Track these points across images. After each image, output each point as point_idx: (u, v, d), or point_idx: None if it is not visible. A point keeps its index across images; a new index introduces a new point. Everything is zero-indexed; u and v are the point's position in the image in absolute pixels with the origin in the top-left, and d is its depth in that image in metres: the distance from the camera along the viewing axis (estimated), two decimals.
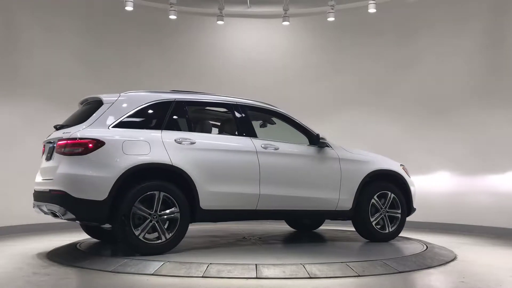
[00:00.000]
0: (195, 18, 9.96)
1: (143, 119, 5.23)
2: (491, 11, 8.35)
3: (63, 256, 5.27)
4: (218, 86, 9.70)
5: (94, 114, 5.11)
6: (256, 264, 4.49)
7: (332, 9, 9.21)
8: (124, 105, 5.20)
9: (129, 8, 8.65)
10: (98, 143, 4.84)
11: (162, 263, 4.58)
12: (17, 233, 7.65)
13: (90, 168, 4.80)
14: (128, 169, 4.83)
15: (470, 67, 8.45)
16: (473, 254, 5.82)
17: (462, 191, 8.30)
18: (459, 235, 7.72)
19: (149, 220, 4.91)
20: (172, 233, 5.01)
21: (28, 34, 8.30)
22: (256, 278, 4.24)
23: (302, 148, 5.89)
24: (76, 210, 4.82)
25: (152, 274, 4.38)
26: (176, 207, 5.02)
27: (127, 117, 5.13)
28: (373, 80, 9.46)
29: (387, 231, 6.15)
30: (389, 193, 6.17)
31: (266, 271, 4.36)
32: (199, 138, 5.33)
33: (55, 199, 4.91)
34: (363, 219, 6.05)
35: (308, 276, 4.29)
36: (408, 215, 6.40)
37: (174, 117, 5.39)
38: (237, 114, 5.71)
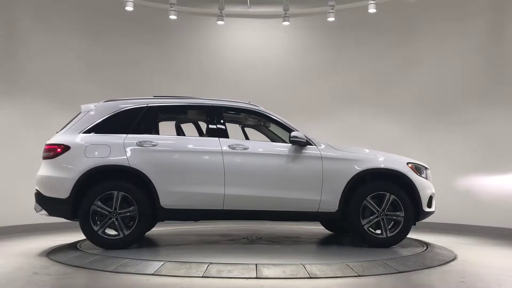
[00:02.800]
0: (195, 18, 9.97)
1: (112, 124, 5.68)
2: (491, 11, 8.35)
3: (64, 256, 5.28)
4: (218, 86, 9.72)
5: (71, 122, 5.80)
6: (256, 264, 4.49)
7: (332, 9, 9.21)
8: (97, 112, 5.76)
9: (129, 8, 8.65)
10: (65, 148, 5.52)
11: (162, 263, 4.59)
12: (17, 233, 7.65)
13: (57, 170, 5.50)
14: (87, 170, 5.38)
15: (470, 67, 8.45)
16: (473, 254, 5.82)
17: (462, 191, 8.30)
18: (459, 235, 7.72)
19: (108, 217, 5.39)
20: (130, 230, 5.41)
21: (28, 35, 8.30)
22: (256, 278, 4.25)
23: (278, 147, 5.73)
24: (47, 206, 5.54)
25: (152, 274, 4.39)
26: (135, 206, 5.40)
27: (98, 123, 5.67)
28: (374, 80, 9.47)
29: (384, 235, 5.64)
30: (388, 194, 5.63)
31: (266, 271, 4.36)
32: (161, 140, 5.62)
33: (35, 197, 5.68)
34: (352, 222, 5.61)
35: (308, 276, 4.29)
36: (418, 219, 5.81)
37: (144, 121, 5.75)
38: (209, 116, 5.84)
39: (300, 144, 5.63)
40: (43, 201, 5.55)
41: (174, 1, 9.07)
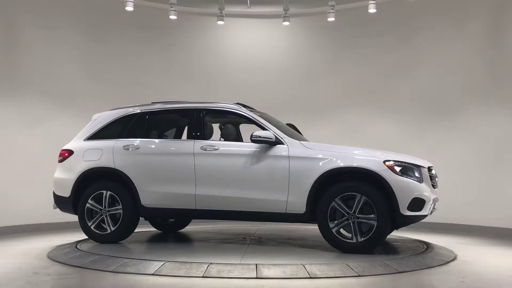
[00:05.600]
0: (195, 18, 9.96)
1: (110, 131, 6.33)
2: (491, 12, 8.34)
3: (64, 256, 5.29)
4: (218, 85, 9.72)
5: (82, 129, 6.53)
6: (256, 264, 4.50)
7: (332, 9, 9.20)
8: (101, 120, 6.44)
9: (129, 8, 8.64)
10: (70, 153, 6.31)
11: (162, 263, 4.59)
12: (17, 233, 7.66)
13: (63, 172, 6.30)
14: (82, 172, 6.08)
15: (470, 67, 8.44)
16: (473, 254, 5.82)
17: (462, 191, 8.29)
18: (459, 235, 7.72)
19: (99, 214, 6.00)
20: (116, 226, 5.93)
21: (28, 34, 8.30)
22: (256, 278, 4.25)
23: (248, 147, 5.60)
24: (58, 203, 6.36)
25: (152, 274, 4.39)
26: (119, 204, 5.92)
27: (99, 130, 6.36)
28: (374, 80, 9.46)
29: (354, 240, 5.19)
30: (358, 195, 5.16)
31: (266, 271, 4.37)
32: (144, 143, 6.04)
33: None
34: (320, 224, 5.31)
35: (309, 276, 4.30)
36: (396, 224, 5.29)
37: (135, 126, 6.26)
38: (190, 118, 6.03)
39: (268, 143, 5.48)
40: (56, 199, 6.37)
41: (174, 1, 9.06)
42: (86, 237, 6.51)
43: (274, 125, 5.78)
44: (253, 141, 5.50)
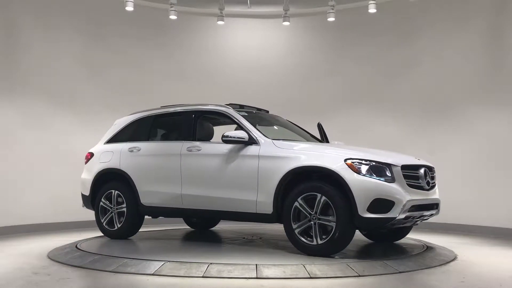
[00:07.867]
0: (195, 18, 9.97)
1: (124, 134, 6.78)
2: (491, 11, 8.34)
3: (64, 256, 5.28)
4: (218, 86, 9.72)
5: (105, 133, 7.04)
6: (256, 264, 4.49)
7: (332, 9, 9.20)
8: (119, 124, 6.94)
9: (129, 8, 8.64)
10: (92, 155, 6.88)
11: (162, 263, 4.59)
12: (17, 233, 7.66)
13: (85, 172, 6.89)
14: (97, 172, 6.63)
15: (471, 66, 8.44)
16: (473, 254, 5.82)
17: (462, 191, 8.29)
18: (459, 235, 7.72)
19: (110, 211, 6.46)
20: (121, 223, 6.36)
21: (28, 33, 8.30)
22: (257, 278, 4.25)
23: (227, 147, 5.57)
24: (83, 201, 6.90)
25: (152, 274, 4.39)
26: (124, 203, 6.34)
27: (115, 134, 6.85)
28: (374, 80, 9.46)
29: (314, 242, 4.97)
30: (319, 195, 4.93)
31: (266, 271, 4.37)
32: (144, 145, 6.41)
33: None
34: (285, 225, 5.18)
35: (309, 276, 4.29)
36: (356, 226, 4.94)
37: (141, 130, 6.64)
38: (182, 120, 6.27)
39: (241, 143, 5.46)
40: (82, 197, 6.91)
41: (174, 1, 9.06)
42: (86, 237, 6.64)
43: (267, 125, 5.91)
44: (224, 141, 5.49)
